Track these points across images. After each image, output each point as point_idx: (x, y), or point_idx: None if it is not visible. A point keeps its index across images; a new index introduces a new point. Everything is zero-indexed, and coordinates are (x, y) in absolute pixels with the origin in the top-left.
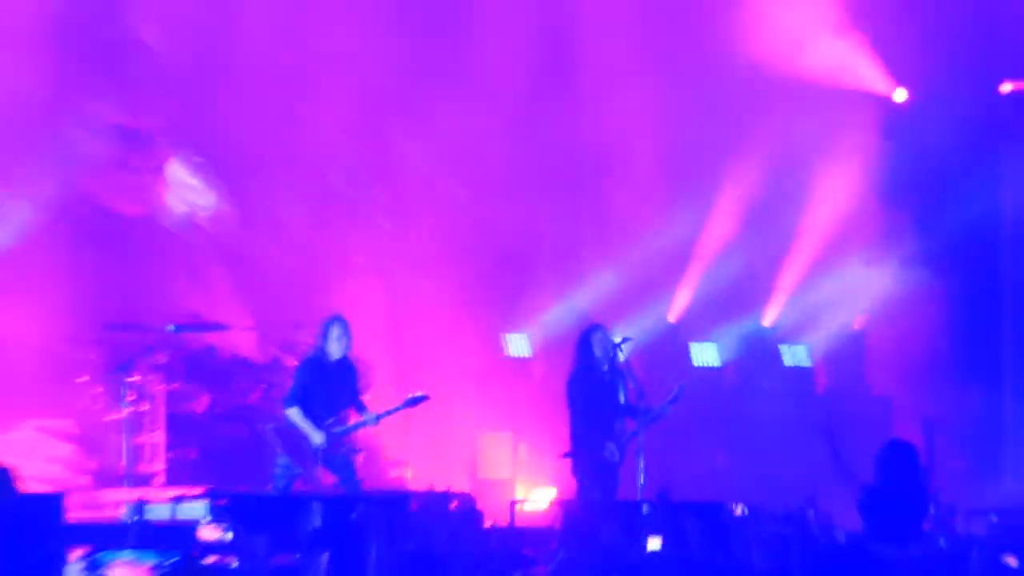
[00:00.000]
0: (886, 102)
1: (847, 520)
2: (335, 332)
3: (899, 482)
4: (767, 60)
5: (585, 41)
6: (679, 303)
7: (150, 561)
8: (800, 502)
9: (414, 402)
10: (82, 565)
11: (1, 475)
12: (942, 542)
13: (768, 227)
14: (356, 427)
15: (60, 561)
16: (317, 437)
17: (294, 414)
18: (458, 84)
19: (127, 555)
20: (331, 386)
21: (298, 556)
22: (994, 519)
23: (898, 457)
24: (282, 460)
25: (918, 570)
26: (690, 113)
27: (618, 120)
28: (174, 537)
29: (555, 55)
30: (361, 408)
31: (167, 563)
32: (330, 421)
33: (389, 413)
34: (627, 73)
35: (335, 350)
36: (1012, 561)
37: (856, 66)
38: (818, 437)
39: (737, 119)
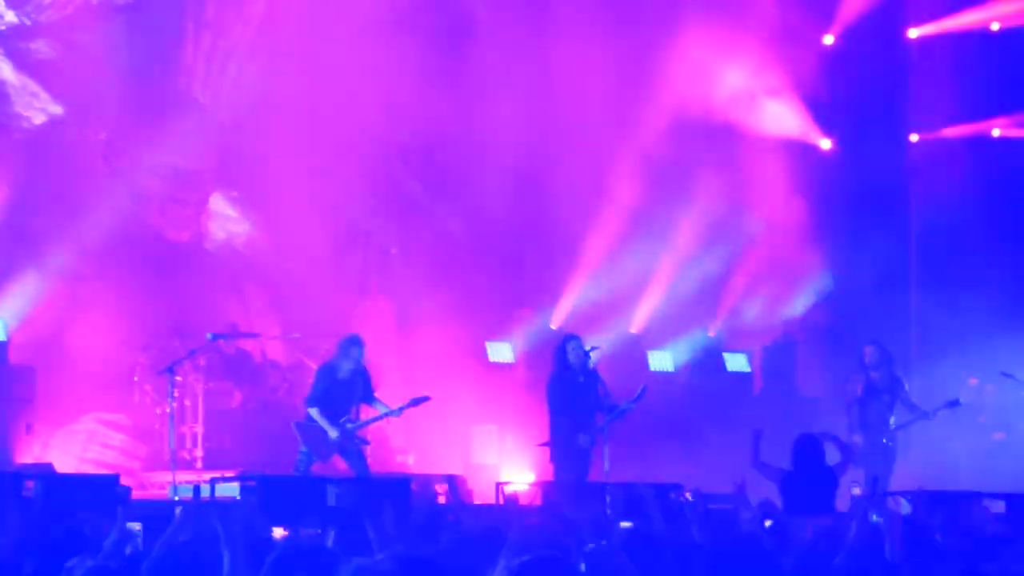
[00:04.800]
0: (814, 149)
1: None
2: (354, 352)
3: (809, 468)
4: (716, 113)
5: (565, 100)
6: (640, 317)
7: None
8: (735, 486)
9: (418, 402)
10: None
11: None
12: (875, 517)
13: (713, 255)
14: (373, 421)
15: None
16: (333, 432)
17: (314, 412)
18: (457, 139)
19: None
20: (345, 389)
21: (319, 531)
22: (907, 505)
23: (806, 449)
24: (303, 450)
25: (826, 538)
26: (647, 159)
27: (587, 167)
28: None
29: (537, 110)
30: (376, 405)
31: None
32: (344, 419)
33: (400, 410)
34: (596, 124)
35: (350, 365)
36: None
37: (790, 120)
38: (750, 436)
39: (686, 169)
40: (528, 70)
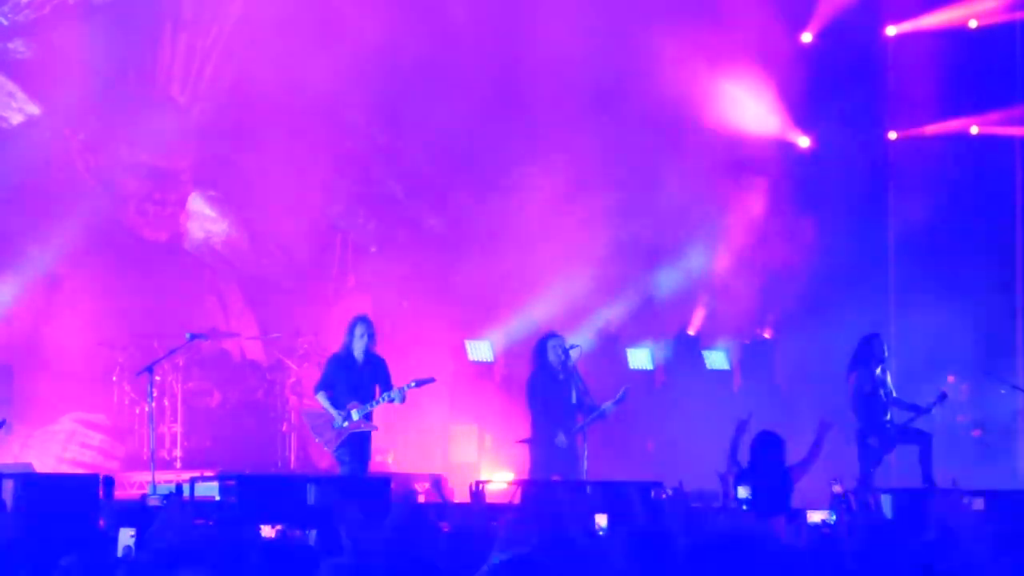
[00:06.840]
0: (793, 147)
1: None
2: (359, 331)
3: (765, 466)
4: (693, 110)
5: (540, 95)
6: (618, 315)
7: None
8: (718, 476)
9: (422, 382)
10: None
11: None
12: (830, 518)
13: (689, 252)
14: (378, 402)
15: (96, 531)
16: (338, 418)
17: (320, 398)
18: (438, 136)
19: None
20: (355, 378)
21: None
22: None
23: (764, 447)
24: (318, 440)
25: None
26: (623, 157)
27: (563, 163)
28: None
29: (504, 106)
30: (388, 389)
31: None
32: (350, 406)
33: (402, 391)
34: (571, 121)
35: (358, 347)
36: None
37: (769, 118)
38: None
39: (663, 166)
40: (504, 65)
